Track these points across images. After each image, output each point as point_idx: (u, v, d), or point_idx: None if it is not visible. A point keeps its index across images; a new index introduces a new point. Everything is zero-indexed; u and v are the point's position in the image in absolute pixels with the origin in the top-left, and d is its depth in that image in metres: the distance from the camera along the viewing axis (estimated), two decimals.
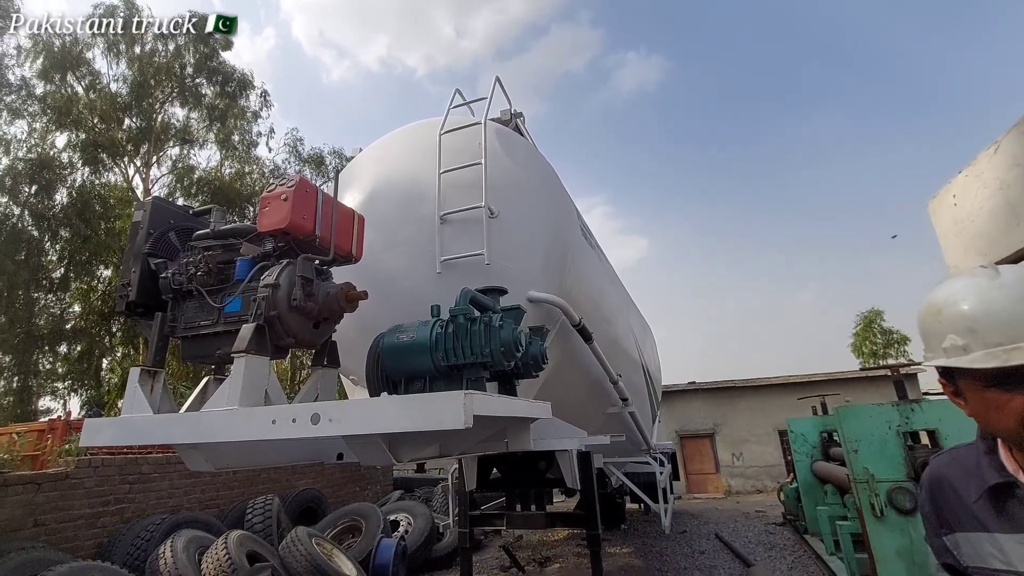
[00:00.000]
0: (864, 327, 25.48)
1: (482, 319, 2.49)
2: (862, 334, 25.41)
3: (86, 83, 17.27)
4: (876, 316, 25.35)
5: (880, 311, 25.38)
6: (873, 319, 25.30)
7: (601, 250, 5.96)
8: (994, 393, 0.92)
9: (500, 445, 3.02)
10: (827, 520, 6.20)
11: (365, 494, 9.46)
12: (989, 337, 0.91)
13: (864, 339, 25.21)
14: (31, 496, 5.00)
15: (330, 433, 2.03)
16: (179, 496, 6.43)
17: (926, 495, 1.13)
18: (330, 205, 2.73)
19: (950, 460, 1.12)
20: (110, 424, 2.65)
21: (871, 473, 4.17)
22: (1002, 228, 1.45)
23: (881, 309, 25.45)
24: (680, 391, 16.86)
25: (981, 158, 1.55)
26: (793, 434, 7.82)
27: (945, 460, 1.13)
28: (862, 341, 25.25)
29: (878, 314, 25.33)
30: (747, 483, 15.70)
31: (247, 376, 2.32)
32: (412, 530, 6.82)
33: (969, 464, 1.05)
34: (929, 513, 1.12)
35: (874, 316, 25.40)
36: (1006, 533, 0.95)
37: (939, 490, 1.10)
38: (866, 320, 25.58)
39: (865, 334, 25.27)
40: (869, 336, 25.14)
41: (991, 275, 0.95)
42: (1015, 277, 0.93)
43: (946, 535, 1.07)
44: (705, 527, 9.84)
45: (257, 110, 20.48)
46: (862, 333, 25.45)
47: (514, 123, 4.22)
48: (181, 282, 2.72)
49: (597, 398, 5.19)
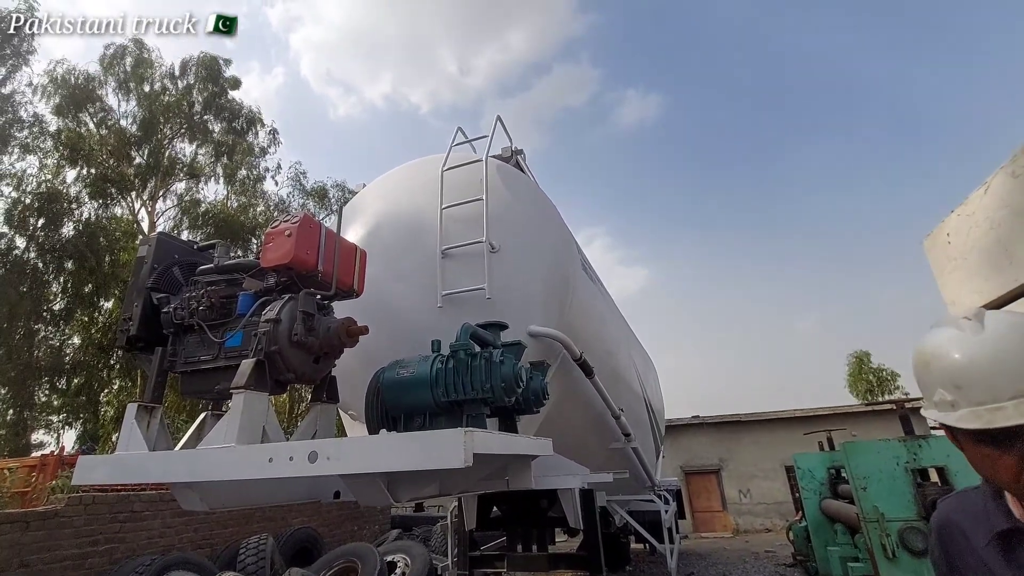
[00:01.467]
0: (856, 367, 26.35)
1: (482, 354, 2.49)
2: (855, 374, 26.28)
3: (97, 119, 17.75)
4: (865, 357, 26.35)
5: (867, 352, 26.49)
6: (863, 359, 26.05)
7: (602, 283, 5.99)
8: (986, 449, 0.93)
9: (501, 483, 2.96)
10: (838, 561, 6.00)
11: (362, 533, 9.20)
12: (973, 395, 0.91)
13: (857, 379, 26.06)
14: (18, 535, 4.87)
15: (328, 472, 2.00)
16: (171, 535, 6.25)
17: (935, 540, 1.11)
18: (333, 241, 2.77)
19: (958, 504, 1.10)
20: (104, 462, 2.61)
21: (881, 512, 4.07)
22: (995, 267, 1.47)
23: (867, 351, 26.55)
24: (684, 425, 16.58)
25: (972, 198, 1.59)
26: (800, 470, 7.65)
27: (953, 505, 1.11)
28: (856, 380, 26.10)
29: (866, 355, 26.40)
30: (755, 521, 15.25)
31: (245, 412, 2.30)
32: (409, 572, 6.59)
33: (977, 508, 1.03)
34: (939, 559, 1.10)
35: (863, 356, 26.35)
36: None
37: (948, 536, 1.08)
38: (857, 360, 26.50)
39: (858, 374, 26.13)
40: (862, 375, 25.89)
41: (975, 328, 0.94)
42: (998, 332, 0.92)
43: None
44: (713, 568, 9.51)
45: (265, 146, 20.99)
46: (855, 373, 26.30)
47: (515, 160, 4.31)
48: (183, 316, 2.73)
49: (599, 433, 5.11)
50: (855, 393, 25.61)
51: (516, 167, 4.24)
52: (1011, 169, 1.43)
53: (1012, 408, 0.86)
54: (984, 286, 1.56)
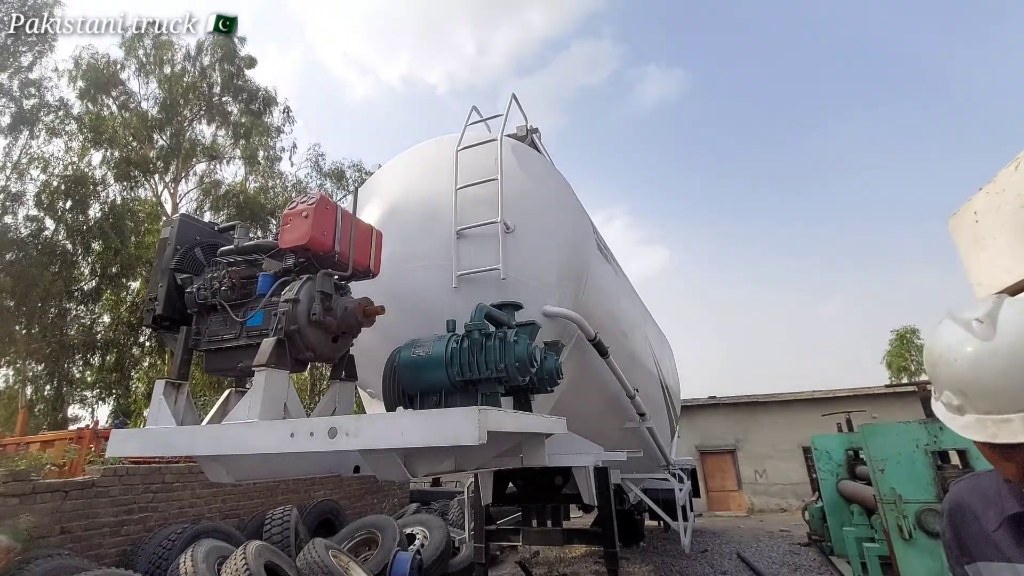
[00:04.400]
0: (898, 343, 25.42)
1: (497, 334, 2.51)
2: (896, 350, 25.44)
3: (120, 103, 18.01)
4: (911, 333, 25.38)
5: (916, 328, 25.43)
6: (908, 336, 25.21)
7: (617, 263, 5.94)
8: (987, 450, 0.95)
9: (515, 460, 3.01)
10: (854, 541, 6.00)
11: (382, 506, 9.47)
12: (979, 404, 0.90)
13: (897, 355, 25.26)
14: (59, 504, 5.14)
15: (347, 447, 2.06)
16: (200, 506, 6.53)
17: (947, 523, 1.11)
18: (349, 222, 2.79)
19: (970, 487, 1.10)
20: (136, 435, 2.73)
21: (898, 494, 4.04)
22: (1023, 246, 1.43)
23: (917, 327, 25.46)
24: (700, 405, 16.55)
25: (1001, 176, 1.53)
26: (818, 451, 7.62)
27: (965, 487, 1.11)
28: (895, 357, 25.30)
29: (914, 331, 25.39)
30: (770, 501, 15.27)
31: (267, 389, 2.37)
32: (428, 544, 6.79)
33: (989, 492, 1.03)
34: (951, 541, 1.10)
35: (909, 333, 25.38)
36: None
37: (960, 518, 1.08)
38: (900, 336, 25.59)
39: (899, 350, 25.31)
40: (903, 352, 25.08)
41: (986, 334, 0.91)
42: (1009, 341, 0.88)
43: (968, 564, 1.04)
44: (727, 546, 9.59)
45: (280, 125, 21.08)
46: (896, 349, 25.46)
47: (530, 139, 4.26)
48: (206, 296, 2.81)
49: (614, 413, 5.14)
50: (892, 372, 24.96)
51: (532, 146, 4.20)
52: None
53: (1019, 422, 0.85)
54: (1014, 266, 1.52)
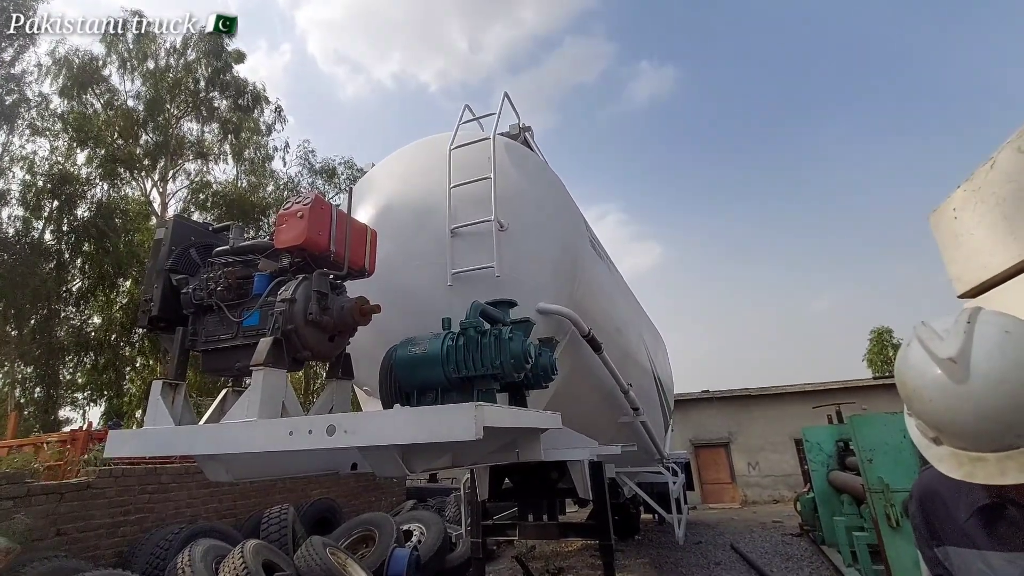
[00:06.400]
0: (876, 343, 26.66)
1: (492, 332, 2.54)
2: (874, 349, 26.61)
3: (104, 100, 17.75)
4: (886, 333, 26.62)
5: (889, 328, 26.67)
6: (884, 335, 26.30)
7: (611, 260, 5.99)
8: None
9: (511, 455, 3.05)
10: (844, 531, 6.12)
11: (379, 503, 9.51)
12: (954, 441, 0.93)
13: (877, 354, 26.40)
14: (54, 506, 5.13)
15: (345, 444, 2.09)
16: (197, 506, 6.53)
17: (916, 507, 1.16)
18: (344, 221, 2.81)
19: (940, 474, 1.14)
20: (133, 436, 2.74)
21: (886, 483, 4.13)
22: (1000, 242, 1.48)
23: (890, 327, 26.69)
24: (694, 399, 16.70)
25: (978, 174, 1.58)
26: (808, 443, 7.74)
27: (936, 474, 1.12)
28: (875, 355, 26.47)
29: (888, 331, 26.61)
30: (763, 493, 15.47)
31: (265, 388, 2.39)
32: (425, 540, 6.84)
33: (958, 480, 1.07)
34: (920, 524, 1.14)
35: (884, 333, 26.66)
36: (996, 551, 0.97)
37: (930, 503, 1.12)
38: (878, 334, 26.80)
39: (877, 350, 26.48)
40: (881, 352, 26.24)
41: (960, 376, 0.87)
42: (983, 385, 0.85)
43: (937, 547, 1.09)
44: (721, 538, 9.72)
45: (271, 123, 20.89)
46: (874, 348, 26.63)
47: (523, 137, 4.29)
48: (202, 297, 2.81)
49: (608, 408, 5.20)
50: (873, 369, 25.84)
51: (524, 144, 4.23)
52: (1017, 144, 1.42)
53: (994, 463, 0.87)
54: (990, 261, 1.57)
